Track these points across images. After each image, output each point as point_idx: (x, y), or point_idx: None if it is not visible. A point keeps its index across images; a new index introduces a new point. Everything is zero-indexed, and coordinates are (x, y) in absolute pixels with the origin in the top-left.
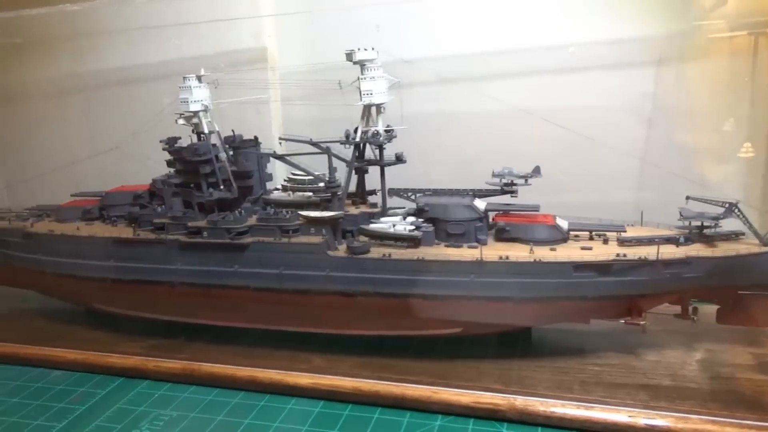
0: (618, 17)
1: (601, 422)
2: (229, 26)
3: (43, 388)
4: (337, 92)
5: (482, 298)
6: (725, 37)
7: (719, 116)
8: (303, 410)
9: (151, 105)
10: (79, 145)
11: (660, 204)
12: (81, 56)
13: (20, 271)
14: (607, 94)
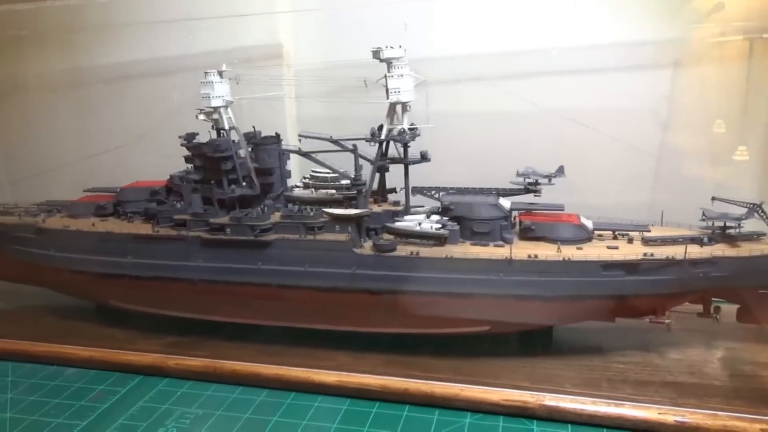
0: (637, 20)
1: (631, 419)
2: (244, 22)
3: (59, 386)
4: (356, 89)
5: (511, 296)
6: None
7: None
8: (330, 408)
9: (162, 100)
10: (86, 141)
11: (675, 204)
12: (89, 49)
13: (31, 267)
14: (624, 95)
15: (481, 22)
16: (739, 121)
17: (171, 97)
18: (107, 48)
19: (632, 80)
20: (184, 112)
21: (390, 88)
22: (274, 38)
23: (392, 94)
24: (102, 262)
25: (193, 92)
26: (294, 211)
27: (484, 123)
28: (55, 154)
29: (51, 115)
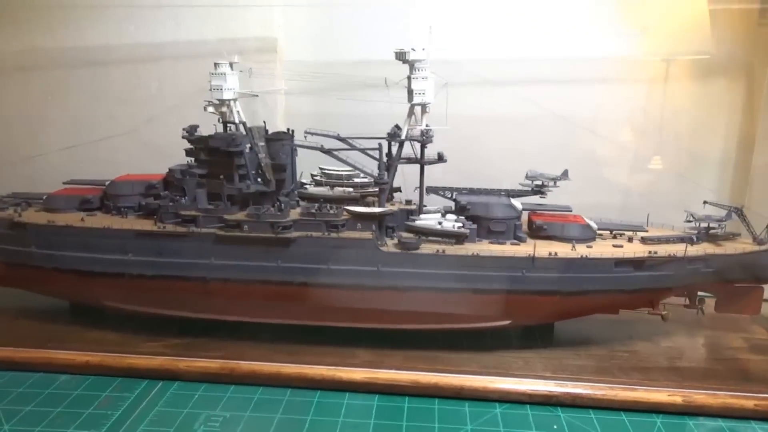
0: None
1: (646, 402)
2: (238, 13)
3: (56, 394)
4: (355, 87)
5: (532, 291)
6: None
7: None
8: (361, 405)
9: (140, 89)
10: (53, 130)
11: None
12: (66, 28)
13: (4, 266)
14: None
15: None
16: (657, 135)
17: (149, 85)
18: (77, 28)
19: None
20: (163, 101)
21: (415, 89)
22: (269, 31)
23: (417, 95)
24: (97, 260)
25: (175, 81)
26: (315, 209)
27: (483, 125)
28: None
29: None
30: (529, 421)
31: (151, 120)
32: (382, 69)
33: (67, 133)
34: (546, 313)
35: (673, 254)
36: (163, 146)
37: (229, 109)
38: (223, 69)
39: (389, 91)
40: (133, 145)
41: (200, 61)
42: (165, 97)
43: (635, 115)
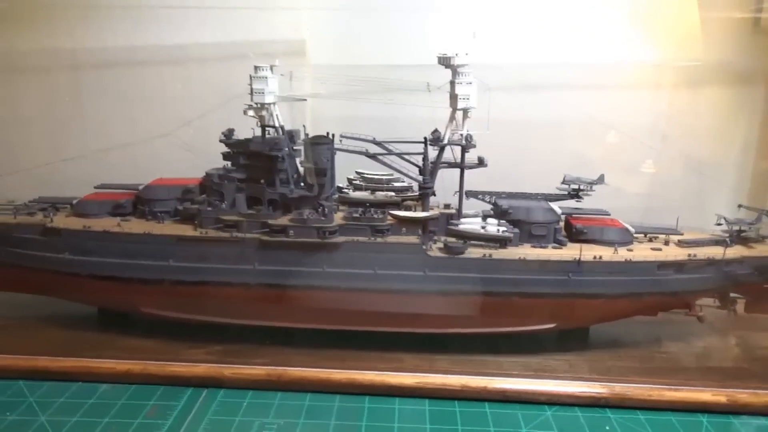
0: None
1: (691, 402)
2: (266, 15)
3: (100, 404)
4: (384, 91)
5: (578, 295)
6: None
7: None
8: (413, 410)
9: (164, 91)
10: (73, 133)
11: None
12: (79, 30)
13: (32, 273)
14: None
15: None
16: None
17: (173, 87)
18: (98, 29)
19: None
20: (190, 104)
21: (460, 94)
22: (297, 34)
23: (461, 100)
24: (136, 267)
25: (200, 83)
26: (360, 213)
27: (514, 129)
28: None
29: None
30: (580, 422)
31: (175, 123)
32: (408, 72)
33: (88, 136)
34: (590, 316)
35: (711, 257)
36: (189, 149)
37: (269, 113)
38: (264, 72)
39: (431, 95)
40: (157, 149)
41: (226, 64)
42: (190, 100)
43: (660, 120)
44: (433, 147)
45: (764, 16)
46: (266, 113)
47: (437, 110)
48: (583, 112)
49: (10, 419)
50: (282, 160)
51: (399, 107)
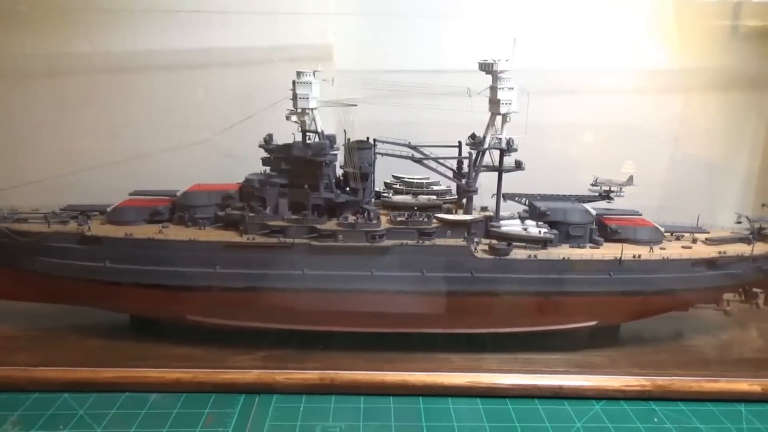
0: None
1: (729, 391)
2: (293, 21)
3: (155, 414)
4: (410, 95)
5: (619, 292)
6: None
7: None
8: (468, 408)
9: (185, 95)
10: (92, 138)
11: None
12: (98, 33)
13: (71, 282)
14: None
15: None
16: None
17: (196, 92)
18: (119, 33)
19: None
20: (211, 108)
21: (502, 99)
22: (323, 39)
23: (503, 105)
24: (182, 274)
25: (224, 88)
26: (404, 217)
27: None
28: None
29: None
30: (629, 415)
31: (200, 128)
32: (432, 77)
33: (106, 142)
34: (630, 313)
35: (740, 253)
36: (212, 155)
37: (310, 118)
38: (307, 78)
39: (471, 100)
40: (179, 155)
41: (250, 69)
42: (212, 104)
43: (674, 121)
44: (472, 150)
45: (742, 23)
46: (308, 118)
47: (460, 115)
48: (605, 115)
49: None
50: (326, 165)
51: (428, 111)
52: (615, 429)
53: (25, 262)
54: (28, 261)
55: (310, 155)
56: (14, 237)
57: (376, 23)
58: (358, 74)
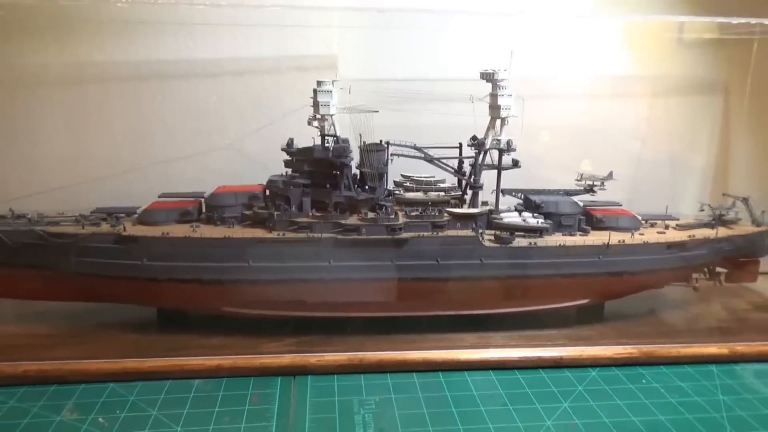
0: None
1: (702, 355)
2: (301, 32)
3: (203, 397)
4: (410, 101)
5: (607, 273)
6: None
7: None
8: (483, 379)
9: (197, 103)
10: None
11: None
12: (112, 43)
13: (108, 280)
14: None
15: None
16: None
17: (208, 100)
18: (132, 43)
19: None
20: (225, 116)
21: (502, 105)
22: (329, 50)
23: (503, 110)
24: (217, 269)
25: (235, 96)
26: (418, 211)
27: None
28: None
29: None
30: (621, 379)
31: (212, 134)
32: (430, 85)
33: (120, 149)
34: (616, 291)
35: (706, 237)
36: (225, 159)
37: (329, 123)
38: (327, 86)
39: (474, 106)
40: (194, 159)
41: (260, 77)
42: (224, 112)
43: (642, 125)
44: (474, 151)
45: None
46: (327, 123)
47: (459, 118)
48: (581, 117)
49: (124, 416)
50: (347, 166)
51: (429, 115)
52: (611, 390)
53: (61, 262)
54: (64, 261)
55: (332, 157)
56: (50, 239)
57: (379, 35)
58: (371, 83)
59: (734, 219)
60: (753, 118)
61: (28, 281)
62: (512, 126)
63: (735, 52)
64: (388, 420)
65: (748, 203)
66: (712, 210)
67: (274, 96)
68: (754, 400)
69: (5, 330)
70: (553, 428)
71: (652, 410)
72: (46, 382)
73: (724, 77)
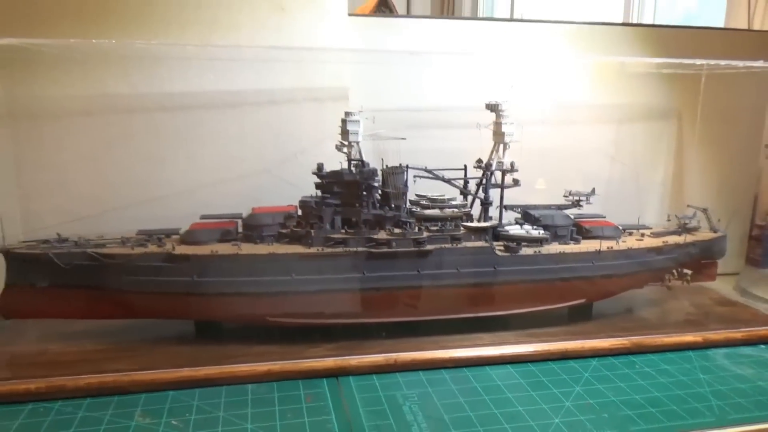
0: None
1: (681, 342)
2: (316, 65)
3: (261, 398)
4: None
5: (599, 276)
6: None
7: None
8: (503, 372)
9: (217, 132)
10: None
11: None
12: (137, 76)
13: (158, 297)
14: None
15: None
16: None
17: (230, 129)
18: (157, 76)
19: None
20: (247, 144)
21: (506, 132)
22: (340, 82)
23: (507, 136)
24: (264, 282)
25: (256, 125)
26: (438, 226)
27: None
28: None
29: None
30: (618, 366)
31: (232, 161)
32: (435, 114)
33: (145, 176)
34: (606, 292)
35: (677, 243)
36: (249, 184)
37: (356, 150)
38: (355, 117)
39: (481, 132)
40: (219, 184)
41: (278, 107)
42: (245, 139)
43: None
44: (487, 172)
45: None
46: (353, 149)
47: (464, 143)
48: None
49: (194, 418)
50: (375, 187)
51: (433, 141)
52: (612, 375)
53: (111, 281)
54: (115, 281)
55: (361, 180)
56: (101, 259)
57: (386, 71)
58: (383, 112)
59: (696, 227)
60: (702, 140)
61: (76, 301)
62: (513, 149)
63: (686, 85)
64: (433, 409)
65: (707, 213)
66: (678, 219)
67: (291, 125)
68: (727, 375)
69: (56, 348)
70: (572, 407)
71: (649, 389)
72: (109, 393)
73: (678, 106)
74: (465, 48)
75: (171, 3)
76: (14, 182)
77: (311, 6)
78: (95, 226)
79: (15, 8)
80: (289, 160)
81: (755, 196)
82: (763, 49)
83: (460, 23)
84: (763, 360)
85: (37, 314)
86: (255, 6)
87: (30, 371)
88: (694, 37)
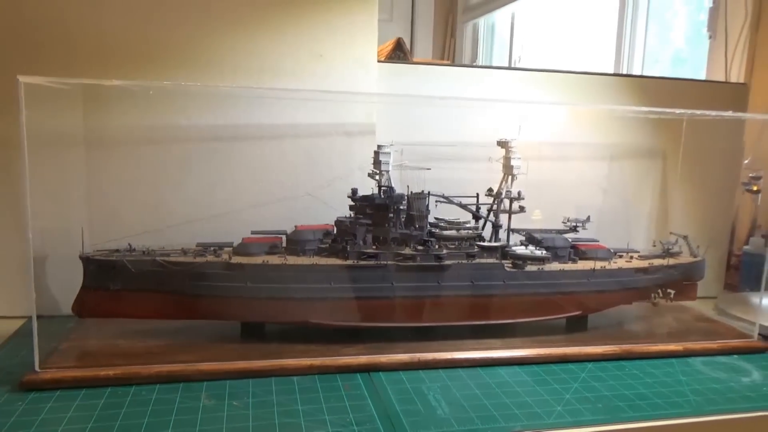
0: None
1: (666, 351)
2: (347, 103)
3: (306, 388)
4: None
5: (593, 291)
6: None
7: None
8: (513, 371)
9: (260, 162)
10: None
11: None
12: (192, 111)
13: (217, 300)
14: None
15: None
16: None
17: (271, 158)
18: (209, 110)
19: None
20: (287, 171)
21: (514, 166)
22: (368, 119)
23: (515, 169)
24: (308, 289)
25: (295, 155)
26: (455, 245)
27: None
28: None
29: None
30: (611, 369)
31: (273, 187)
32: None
33: (199, 198)
34: (599, 306)
35: (662, 264)
36: (288, 205)
37: (386, 178)
38: (387, 149)
39: (491, 164)
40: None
41: (314, 140)
42: (286, 167)
43: (603, 180)
44: (496, 199)
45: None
46: (384, 177)
47: (477, 174)
48: (561, 174)
49: (252, 401)
50: (401, 210)
51: (452, 172)
52: (605, 375)
53: (177, 286)
54: (180, 285)
55: (390, 203)
56: (169, 267)
57: (408, 110)
58: (414, 146)
59: (678, 252)
60: (683, 177)
61: (147, 303)
62: (519, 180)
63: (670, 128)
64: (453, 397)
65: (687, 239)
66: (662, 245)
67: (325, 155)
68: (703, 378)
69: (124, 343)
70: (572, 399)
71: (636, 386)
72: (176, 380)
73: (663, 147)
74: (473, 93)
75: (226, 51)
76: (88, 200)
77: (346, 54)
78: (155, 239)
79: (100, 53)
80: (324, 186)
81: (732, 229)
82: (738, 99)
83: (469, 70)
84: (735, 366)
85: (108, 314)
86: (297, 54)
87: (107, 360)
88: (677, 87)
